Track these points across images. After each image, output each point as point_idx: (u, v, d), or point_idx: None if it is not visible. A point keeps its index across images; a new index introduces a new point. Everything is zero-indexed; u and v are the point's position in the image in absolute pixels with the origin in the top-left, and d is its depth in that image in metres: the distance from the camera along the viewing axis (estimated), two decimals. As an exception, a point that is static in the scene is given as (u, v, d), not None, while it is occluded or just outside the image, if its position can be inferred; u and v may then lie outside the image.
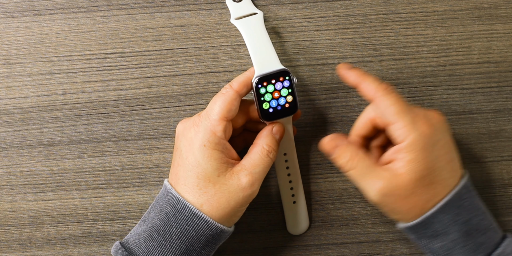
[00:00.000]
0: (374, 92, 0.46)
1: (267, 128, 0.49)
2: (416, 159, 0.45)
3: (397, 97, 0.46)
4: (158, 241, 0.47)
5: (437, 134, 0.45)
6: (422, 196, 0.45)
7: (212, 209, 0.46)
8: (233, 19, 0.50)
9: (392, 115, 0.45)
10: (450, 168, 0.46)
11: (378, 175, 0.45)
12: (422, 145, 0.44)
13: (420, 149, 0.44)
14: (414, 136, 0.44)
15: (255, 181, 0.47)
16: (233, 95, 0.47)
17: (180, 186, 0.47)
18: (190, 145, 0.47)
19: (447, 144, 0.46)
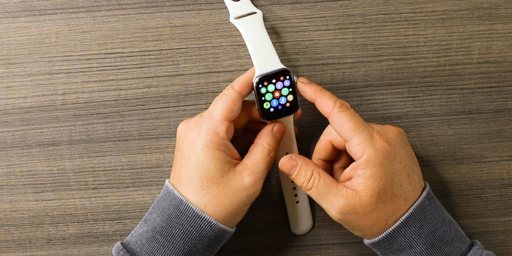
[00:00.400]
0: (331, 108, 0.46)
1: (268, 127, 0.49)
2: (374, 174, 0.45)
3: (353, 113, 0.46)
4: (160, 243, 0.47)
5: (394, 148, 0.46)
6: (383, 212, 0.45)
7: (216, 209, 0.47)
8: (232, 19, 0.50)
9: (349, 132, 0.45)
10: (409, 182, 0.46)
11: (339, 193, 0.46)
12: (380, 160, 0.45)
13: (378, 165, 0.45)
14: (371, 151, 0.45)
15: (257, 180, 0.47)
16: (235, 95, 0.47)
17: (182, 187, 0.47)
18: (192, 145, 0.47)
19: (405, 158, 0.46)
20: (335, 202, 0.46)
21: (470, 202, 0.56)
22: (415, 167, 0.47)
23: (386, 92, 0.55)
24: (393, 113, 0.55)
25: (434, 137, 0.56)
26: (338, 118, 0.46)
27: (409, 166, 0.46)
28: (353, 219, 0.46)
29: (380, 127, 0.47)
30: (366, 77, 0.55)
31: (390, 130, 0.47)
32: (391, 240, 0.47)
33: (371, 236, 0.47)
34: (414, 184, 0.47)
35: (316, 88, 0.48)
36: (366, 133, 0.45)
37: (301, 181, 0.47)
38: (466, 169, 0.56)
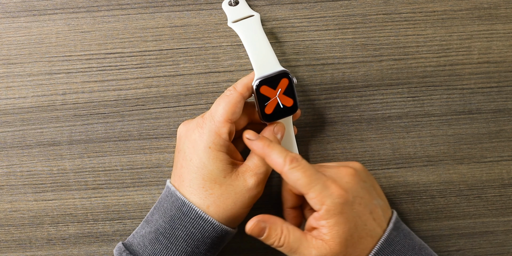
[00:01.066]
0: (281, 166, 0.45)
1: (268, 129, 0.49)
2: (337, 223, 0.44)
3: (304, 168, 0.45)
4: (163, 244, 0.47)
5: (352, 192, 0.45)
6: (354, 254, 0.45)
7: (218, 210, 0.47)
8: (230, 23, 0.50)
9: (303, 187, 0.45)
10: (373, 218, 0.46)
11: (309, 245, 0.45)
12: (340, 209, 0.44)
13: (338, 213, 0.44)
14: (329, 202, 0.44)
15: (260, 182, 0.47)
16: (238, 97, 0.47)
17: (185, 188, 0.47)
18: (194, 147, 0.47)
19: (365, 197, 0.46)
20: (307, 254, 0.45)
21: (470, 202, 0.56)
22: (378, 200, 0.47)
23: (386, 92, 0.55)
24: (393, 113, 0.55)
25: (434, 137, 0.56)
26: (290, 175, 0.45)
27: (370, 203, 0.46)
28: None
29: (334, 172, 0.46)
30: (366, 77, 0.55)
31: (345, 173, 0.46)
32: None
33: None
34: (379, 218, 0.47)
35: (264, 144, 0.47)
36: (321, 185, 0.45)
37: (271, 241, 0.46)
38: (466, 169, 0.56)
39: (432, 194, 0.56)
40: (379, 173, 0.56)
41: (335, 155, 0.56)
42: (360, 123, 0.55)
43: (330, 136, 0.55)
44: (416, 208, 0.56)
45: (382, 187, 0.56)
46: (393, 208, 0.56)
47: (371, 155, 0.55)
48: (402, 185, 0.56)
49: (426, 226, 0.56)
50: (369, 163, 0.56)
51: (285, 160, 0.45)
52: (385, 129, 0.55)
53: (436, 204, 0.56)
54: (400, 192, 0.56)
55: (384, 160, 0.55)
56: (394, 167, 0.55)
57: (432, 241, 0.57)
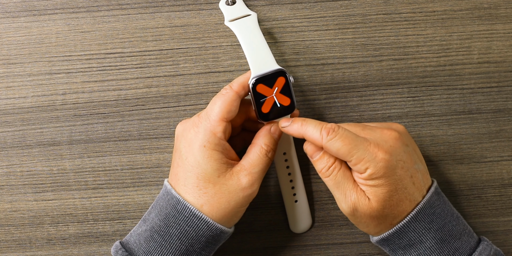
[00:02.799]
0: (320, 141, 0.46)
1: (265, 128, 0.49)
2: (378, 185, 0.45)
3: (342, 136, 0.45)
4: (158, 242, 0.47)
5: (395, 156, 0.46)
6: (390, 215, 0.46)
7: (212, 210, 0.47)
8: (227, 22, 0.50)
9: (345, 156, 0.45)
10: (413, 182, 0.47)
11: (351, 190, 0.46)
12: (382, 173, 0.45)
13: (380, 177, 0.45)
14: (372, 167, 0.45)
15: (254, 181, 0.47)
16: (233, 96, 0.47)
17: (180, 187, 0.47)
18: (189, 145, 0.47)
19: (407, 161, 0.46)
20: (348, 195, 0.46)
21: (470, 202, 0.56)
22: (418, 165, 0.47)
23: (386, 92, 0.55)
24: (393, 113, 0.55)
25: (434, 137, 0.56)
26: (331, 147, 0.45)
27: (411, 167, 0.47)
28: (360, 216, 0.47)
29: (378, 136, 0.46)
30: (366, 77, 0.55)
31: (388, 137, 0.46)
32: (401, 235, 0.47)
33: (378, 232, 0.48)
34: (419, 183, 0.47)
35: (298, 125, 0.47)
36: (363, 151, 0.45)
37: (321, 166, 0.47)
38: (466, 169, 0.56)
39: (432, 194, 0.56)
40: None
41: (335, 155, 0.55)
42: (360, 123, 0.55)
43: (330, 136, 0.55)
44: (416, 208, 0.56)
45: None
46: (393, 208, 0.56)
47: (371, 155, 0.55)
48: (402, 185, 0.56)
49: (426, 226, 0.57)
50: (369, 163, 0.55)
51: (321, 134, 0.46)
52: (385, 129, 0.55)
53: (436, 204, 0.56)
54: (400, 192, 0.56)
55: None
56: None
57: (432, 241, 0.57)
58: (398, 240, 0.47)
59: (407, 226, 0.47)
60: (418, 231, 0.47)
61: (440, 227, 0.47)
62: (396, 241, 0.48)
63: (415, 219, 0.46)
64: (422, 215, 0.46)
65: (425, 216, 0.47)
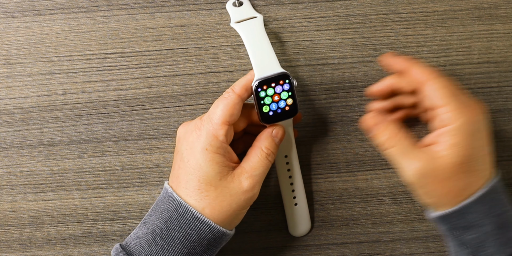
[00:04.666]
0: (424, 75, 0.46)
1: (267, 131, 0.49)
2: (459, 144, 0.45)
3: (446, 81, 0.46)
4: (160, 245, 0.47)
5: (483, 124, 0.46)
6: (458, 182, 0.45)
7: (214, 213, 0.46)
8: (233, 23, 0.50)
9: (441, 99, 0.45)
10: (487, 160, 0.46)
11: (417, 156, 0.46)
12: (468, 131, 0.45)
13: (465, 135, 0.45)
14: (461, 121, 0.45)
15: (255, 184, 0.47)
16: (236, 99, 0.47)
17: (181, 190, 0.47)
18: (191, 148, 0.47)
19: (488, 137, 0.46)
20: (412, 163, 0.46)
21: (470, 202, 0.56)
22: (491, 149, 0.47)
23: (386, 92, 0.55)
24: (393, 113, 0.55)
25: (434, 137, 0.56)
26: (431, 85, 0.46)
27: (489, 145, 0.46)
28: (427, 183, 0.46)
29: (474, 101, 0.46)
30: (366, 77, 0.55)
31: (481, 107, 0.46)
32: (462, 215, 0.46)
33: (440, 206, 0.47)
34: (490, 163, 0.47)
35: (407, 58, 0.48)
36: (458, 103, 0.45)
37: (381, 139, 0.47)
38: (466, 169, 0.56)
39: (432, 194, 0.56)
40: (379, 173, 0.56)
41: (335, 155, 0.55)
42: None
43: (330, 136, 0.55)
44: (416, 208, 0.56)
45: (382, 187, 0.56)
46: (393, 208, 0.56)
47: (371, 155, 0.55)
48: (402, 185, 0.56)
49: (426, 226, 0.56)
50: (369, 163, 0.56)
51: (429, 70, 0.46)
52: (385, 129, 0.55)
53: (436, 204, 0.56)
54: (400, 192, 0.56)
55: (384, 160, 0.55)
56: (394, 167, 0.55)
57: (433, 241, 0.57)
58: (457, 220, 0.47)
59: (470, 207, 0.46)
60: (479, 214, 0.46)
61: (501, 213, 0.46)
62: (455, 220, 0.47)
63: (479, 200, 0.46)
64: (486, 198, 0.46)
65: (489, 200, 0.46)
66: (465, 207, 0.46)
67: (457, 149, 0.45)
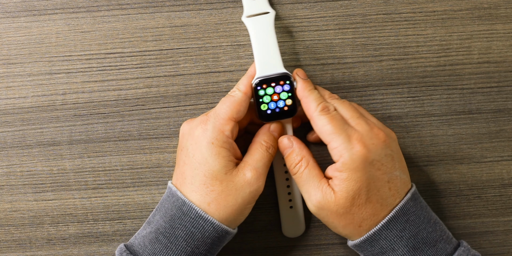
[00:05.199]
0: (312, 111, 0.47)
1: (265, 126, 0.50)
2: (349, 178, 0.45)
3: (333, 117, 0.46)
4: (163, 244, 0.47)
5: (374, 154, 0.45)
6: (357, 215, 0.46)
7: (219, 208, 0.46)
8: (244, 17, 0.50)
9: (327, 135, 0.46)
10: (388, 188, 0.46)
11: (319, 187, 0.46)
12: (355, 165, 0.45)
13: (353, 169, 0.45)
14: (347, 156, 0.45)
15: (259, 175, 0.47)
16: (242, 97, 0.48)
17: (186, 186, 0.47)
18: (197, 143, 0.47)
19: (387, 164, 0.46)
20: (313, 194, 0.47)
21: (470, 202, 0.56)
22: (400, 173, 0.47)
23: (386, 92, 0.55)
24: (393, 113, 0.55)
25: (434, 137, 0.56)
26: (318, 120, 0.46)
27: (390, 172, 0.46)
28: (326, 216, 0.47)
29: (366, 130, 0.46)
30: (366, 77, 0.55)
31: (375, 135, 0.46)
32: (373, 243, 0.47)
33: (347, 236, 0.48)
34: (396, 189, 0.47)
35: (307, 87, 0.48)
36: (344, 137, 0.45)
37: (289, 162, 0.48)
38: (466, 169, 0.56)
39: (432, 194, 0.56)
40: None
41: (335, 155, 0.55)
42: (360, 123, 0.55)
43: (330, 136, 0.55)
44: (416, 208, 0.56)
45: (382, 187, 0.56)
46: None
47: (371, 155, 0.55)
48: (402, 185, 0.56)
49: (426, 226, 0.56)
50: (369, 163, 0.55)
51: (318, 106, 0.47)
52: (385, 129, 0.55)
53: (436, 204, 0.56)
54: (400, 192, 0.56)
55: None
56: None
57: (432, 241, 0.57)
58: (370, 247, 0.47)
59: (378, 234, 0.46)
60: (389, 239, 0.46)
61: (413, 235, 0.46)
62: (369, 248, 0.47)
63: (386, 227, 0.46)
64: (394, 223, 0.46)
65: (397, 224, 0.46)
66: (374, 235, 0.46)
67: (347, 184, 0.45)
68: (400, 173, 0.47)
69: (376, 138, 0.46)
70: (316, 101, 0.47)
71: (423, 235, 0.47)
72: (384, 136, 0.47)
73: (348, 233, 0.47)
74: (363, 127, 0.47)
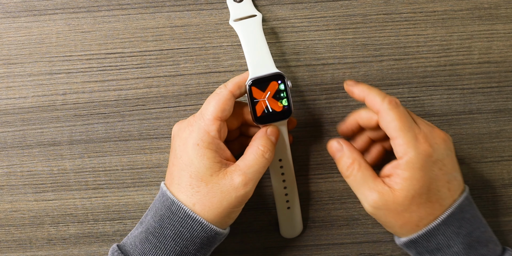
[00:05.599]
0: (380, 105, 0.46)
1: (262, 130, 0.49)
2: (412, 177, 0.45)
3: (401, 112, 0.46)
4: (153, 243, 0.46)
5: (437, 154, 0.45)
6: (416, 213, 0.46)
7: (204, 209, 0.46)
8: (231, 21, 0.50)
9: (394, 131, 0.45)
10: (448, 188, 0.46)
11: (374, 187, 0.46)
12: (420, 164, 0.45)
13: (418, 168, 0.45)
14: (413, 154, 0.45)
15: (248, 181, 0.47)
16: (227, 95, 0.47)
17: (174, 186, 0.47)
18: (184, 144, 0.47)
19: (448, 165, 0.46)
20: (369, 195, 0.46)
21: (470, 202, 0.56)
22: (458, 174, 0.47)
23: (386, 92, 0.55)
24: (393, 113, 0.55)
25: (435, 137, 0.56)
26: (386, 115, 0.46)
27: (450, 173, 0.46)
28: (384, 215, 0.46)
29: (429, 130, 0.46)
30: (367, 77, 0.55)
31: (437, 135, 0.46)
32: (430, 238, 0.46)
33: (402, 234, 0.47)
34: (454, 190, 0.47)
35: (364, 86, 0.48)
36: (411, 135, 0.45)
37: (341, 165, 0.48)
38: (466, 169, 0.56)
39: (433, 194, 0.56)
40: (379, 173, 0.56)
41: (335, 155, 0.55)
42: (360, 123, 0.55)
43: (330, 136, 0.55)
44: (417, 208, 0.56)
45: (382, 187, 0.56)
46: (393, 208, 0.56)
47: (372, 155, 0.55)
48: (403, 185, 0.56)
49: (426, 226, 0.56)
50: (370, 163, 0.55)
51: (384, 100, 0.46)
52: (385, 129, 0.55)
53: (437, 204, 0.56)
54: (401, 192, 0.56)
55: (384, 160, 0.55)
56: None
57: (433, 241, 0.57)
58: (427, 243, 0.47)
59: (437, 229, 0.46)
60: (447, 235, 0.46)
61: (469, 233, 0.46)
62: (424, 243, 0.47)
63: (445, 222, 0.46)
64: (452, 219, 0.46)
65: (455, 221, 0.46)
66: (432, 230, 0.46)
67: (409, 182, 0.45)
68: (458, 174, 0.47)
69: (438, 137, 0.46)
70: (380, 95, 0.47)
71: (478, 234, 0.47)
72: (446, 136, 0.47)
73: (405, 232, 0.47)
74: (426, 127, 0.47)
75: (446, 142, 0.46)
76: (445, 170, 0.46)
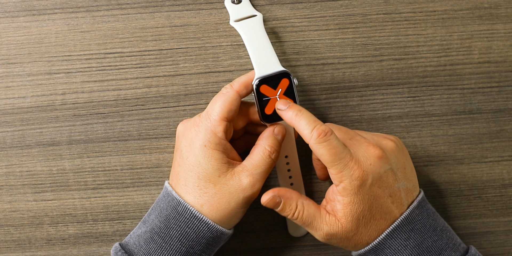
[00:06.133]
0: (308, 138, 0.46)
1: (269, 129, 0.49)
2: (351, 202, 0.45)
3: (331, 144, 0.45)
4: (158, 243, 0.46)
5: (373, 174, 0.46)
6: (365, 234, 0.47)
7: (212, 210, 0.46)
8: (232, 22, 0.50)
9: (326, 163, 0.46)
10: (392, 201, 0.47)
11: (322, 221, 0.47)
12: (355, 190, 0.45)
13: (354, 193, 0.45)
14: (347, 182, 0.45)
15: (256, 182, 0.47)
16: (234, 95, 0.47)
17: (180, 187, 0.47)
18: (190, 145, 0.47)
19: (387, 180, 0.46)
20: (319, 229, 0.47)
21: (470, 202, 0.56)
22: (402, 183, 0.47)
23: (386, 92, 0.55)
24: (393, 113, 0.55)
25: (435, 137, 0.56)
26: (316, 150, 0.46)
27: (391, 187, 0.47)
28: (337, 242, 0.47)
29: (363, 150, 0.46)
30: (367, 77, 0.55)
31: (371, 154, 0.46)
32: (377, 252, 0.47)
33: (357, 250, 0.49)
34: (399, 201, 0.47)
35: (293, 113, 0.46)
36: (342, 164, 0.45)
37: (286, 214, 0.48)
38: (466, 169, 0.56)
39: (432, 194, 0.56)
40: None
41: (335, 155, 0.55)
42: (360, 123, 0.55)
43: (330, 136, 0.55)
44: (417, 208, 0.56)
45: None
46: (393, 208, 0.56)
47: (371, 155, 0.55)
48: (403, 185, 0.56)
49: (426, 226, 0.56)
50: (369, 163, 0.55)
51: (312, 133, 0.45)
52: (385, 129, 0.55)
53: (437, 204, 0.56)
54: (401, 192, 0.56)
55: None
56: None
57: (433, 241, 0.57)
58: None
59: (382, 243, 0.47)
60: (394, 248, 0.47)
61: (417, 244, 0.47)
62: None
63: (390, 236, 0.46)
64: (398, 232, 0.47)
65: (402, 233, 0.46)
66: (378, 245, 0.47)
67: (350, 207, 0.46)
68: (404, 183, 0.47)
69: (372, 157, 0.46)
70: (309, 125, 0.46)
71: (428, 244, 0.47)
72: (380, 152, 0.46)
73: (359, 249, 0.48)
74: (359, 147, 0.47)
75: (382, 159, 0.46)
76: (384, 186, 0.46)
